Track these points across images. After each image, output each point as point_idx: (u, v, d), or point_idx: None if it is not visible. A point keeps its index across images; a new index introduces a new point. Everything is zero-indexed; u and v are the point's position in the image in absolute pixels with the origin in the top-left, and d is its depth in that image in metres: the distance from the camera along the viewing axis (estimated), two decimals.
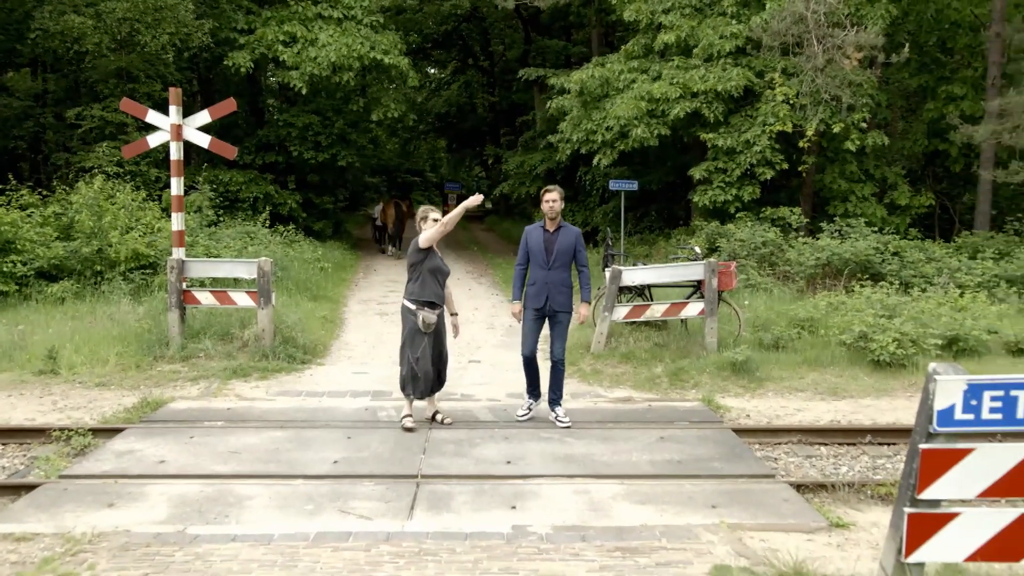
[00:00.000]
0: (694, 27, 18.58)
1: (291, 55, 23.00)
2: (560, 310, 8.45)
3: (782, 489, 6.89)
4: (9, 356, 11.01)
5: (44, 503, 6.40)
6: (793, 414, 9.39)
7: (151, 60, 22.11)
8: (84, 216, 16.04)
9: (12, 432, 8.38)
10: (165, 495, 6.58)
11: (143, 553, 5.41)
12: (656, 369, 10.84)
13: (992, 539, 3.90)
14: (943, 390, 3.82)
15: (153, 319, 12.18)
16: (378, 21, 24.63)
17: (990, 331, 11.38)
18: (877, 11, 17.58)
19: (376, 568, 5.18)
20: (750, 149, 17.79)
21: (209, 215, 19.14)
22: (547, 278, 8.42)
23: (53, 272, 15.56)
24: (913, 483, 3.89)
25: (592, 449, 7.79)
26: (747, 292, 14.79)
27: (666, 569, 5.22)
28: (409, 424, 8.27)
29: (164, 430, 8.32)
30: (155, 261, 15.70)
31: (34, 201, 17.07)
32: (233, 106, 12.29)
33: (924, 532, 3.91)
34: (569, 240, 8.48)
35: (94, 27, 20.53)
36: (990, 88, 18.49)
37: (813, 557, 5.38)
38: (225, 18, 23.67)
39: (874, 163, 19.28)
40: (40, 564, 5.24)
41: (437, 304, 8.34)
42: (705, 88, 17.84)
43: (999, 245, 17.10)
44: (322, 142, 26.54)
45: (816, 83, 16.76)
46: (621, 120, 18.32)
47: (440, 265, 8.43)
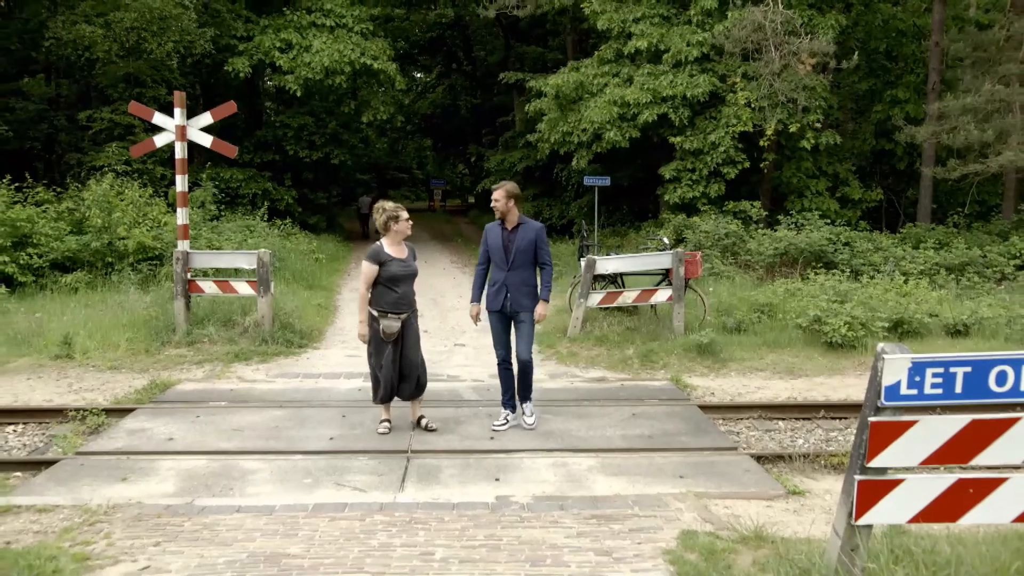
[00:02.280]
0: (663, 35, 18.56)
1: (287, 60, 22.84)
2: (521, 310, 7.50)
3: (744, 460, 6.93)
4: (28, 342, 10.90)
5: (63, 477, 6.37)
6: (754, 392, 9.43)
7: (157, 66, 21.90)
8: (95, 212, 15.87)
9: (32, 412, 8.32)
10: (174, 470, 6.55)
11: (155, 523, 5.39)
12: (628, 351, 10.84)
13: (932, 502, 3.95)
14: (890, 368, 3.85)
15: (160, 307, 12.09)
16: (368, 29, 24.47)
17: (931, 314, 11.46)
18: (828, 21, 17.71)
19: (370, 536, 5.19)
20: (715, 150, 17.82)
21: (211, 210, 19.00)
22: (507, 279, 7.47)
23: (67, 264, 15.42)
24: (863, 452, 3.93)
25: (569, 425, 7.79)
26: (711, 280, 14.84)
27: (638, 534, 5.24)
28: (382, 430, 7.53)
29: (172, 410, 8.28)
30: (161, 253, 15.56)
31: (49, 198, 16.88)
32: (233, 108, 12.20)
33: (872, 497, 3.95)
34: (529, 237, 7.49)
35: (104, 36, 20.32)
36: (930, 92, 18.66)
37: (772, 522, 5.41)
38: (225, 26, 23.46)
39: (827, 160, 19.38)
40: (60, 533, 5.21)
41: (398, 311, 7.37)
42: (673, 94, 17.84)
43: (939, 236, 17.24)
44: (316, 142, 26.39)
45: (774, 87, 16.81)
46: (595, 124, 18.31)
47: (397, 272, 7.39)
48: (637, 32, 18.78)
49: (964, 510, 3.95)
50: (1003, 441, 3.87)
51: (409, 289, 7.47)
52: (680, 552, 4.89)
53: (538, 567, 4.75)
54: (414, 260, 7.63)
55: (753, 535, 4.98)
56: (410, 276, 7.50)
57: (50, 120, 23.54)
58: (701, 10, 18.18)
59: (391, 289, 7.32)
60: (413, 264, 7.59)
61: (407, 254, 7.55)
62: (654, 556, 4.90)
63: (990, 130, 16.09)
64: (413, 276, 7.54)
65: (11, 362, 10.33)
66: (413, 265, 7.59)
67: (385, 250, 7.41)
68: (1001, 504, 3.92)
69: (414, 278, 7.55)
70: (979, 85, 16.84)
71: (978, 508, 3.94)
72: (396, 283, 7.32)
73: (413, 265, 7.59)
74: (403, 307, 7.38)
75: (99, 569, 4.70)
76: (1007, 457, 3.89)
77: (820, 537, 4.80)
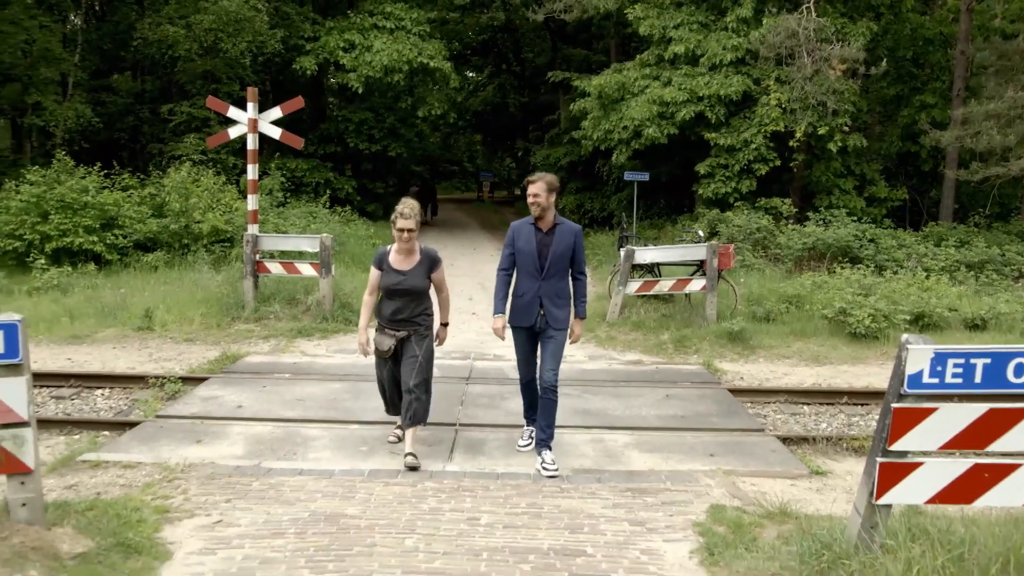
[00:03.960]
0: (700, 40, 18.37)
1: (350, 60, 22.97)
2: (556, 327, 6.06)
3: (770, 441, 6.90)
4: (113, 315, 11.16)
5: (144, 437, 6.55)
6: (781, 377, 9.35)
7: (231, 64, 22.17)
8: (174, 197, 16.18)
9: (117, 378, 8.54)
10: (243, 434, 6.69)
11: (226, 482, 5.52)
12: (663, 336, 10.80)
13: (949, 485, 3.91)
14: (914, 357, 3.82)
15: (231, 285, 12.28)
16: (425, 31, 24.51)
17: (950, 309, 11.25)
18: (859, 29, 17.39)
19: (421, 500, 5.26)
20: (748, 147, 17.63)
21: (278, 197, 19.26)
22: (540, 289, 6.03)
23: (148, 244, 15.73)
24: (885, 436, 3.90)
25: (606, 404, 7.80)
26: (743, 271, 14.69)
27: (670, 507, 5.26)
28: (392, 438, 6.54)
29: (241, 380, 8.45)
30: (232, 236, 15.79)
31: (133, 184, 17.23)
32: (301, 103, 12.33)
33: (893, 478, 3.92)
34: (567, 242, 6.05)
35: (185, 36, 20.68)
36: (955, 98, 18.30)
37: (796, 499, 5.39)
38: (294, 28, 23.67)
39: (855, 161, 19.06)
40: (143, 487, 5.37)
41: (394, 328, 6.05)
42: (709, 93, 17.68)
43: (960, 235, 16.91)
44: (375, 135, 26.52)
45: (805, 90, 16.56)
46: (635, 121, 18.21)
47: (388, 284, 6.03)
48: (676, 37, 18.62)
49: (979, 493, 3.91)
50: (1019, 429, 3.81)
51: (408, 306, 6.03)
52: (709, 524, 4.90)
53: (576, 534, 4.79)
54: (423, 276, 6.07)
55: (778, 511, 4.97)
56: (402, 293, 6.00)
57: (135, 113, 23.99)
58: (737, 18, 17.97)
59: (387, 300, 6.13)
60: (411, 280, 6.02)
61: (412, 266, 6.06)
62: (685, 527, 4.91)
63: (1012, 135, 15.76)
64: (407, 294, 6.01)
65: (99, 332, 10.60)
66: (409, 281, 6.01)
67: (389, 256, 6.12)
68: (1015, 488, 3.88)
69: (412, 296, 6.02)
70: (1002, 92, 16.45)
71: (992, 491, 3.90)
72: (390, 296, 6.08)
73: (409, 281, 6.01)
74: (399, 325, 6.05)
75: (177, 521, 4.83)
76: (1022, 444, 3.84)
77: (841, 515, 4.77)
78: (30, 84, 20.70)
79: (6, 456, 4.15)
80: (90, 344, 10.19)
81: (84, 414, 7.66)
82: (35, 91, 20.59)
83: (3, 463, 4.15)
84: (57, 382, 8.34)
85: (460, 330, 11.08)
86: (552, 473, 5.83)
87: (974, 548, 3.71)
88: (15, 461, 4.17)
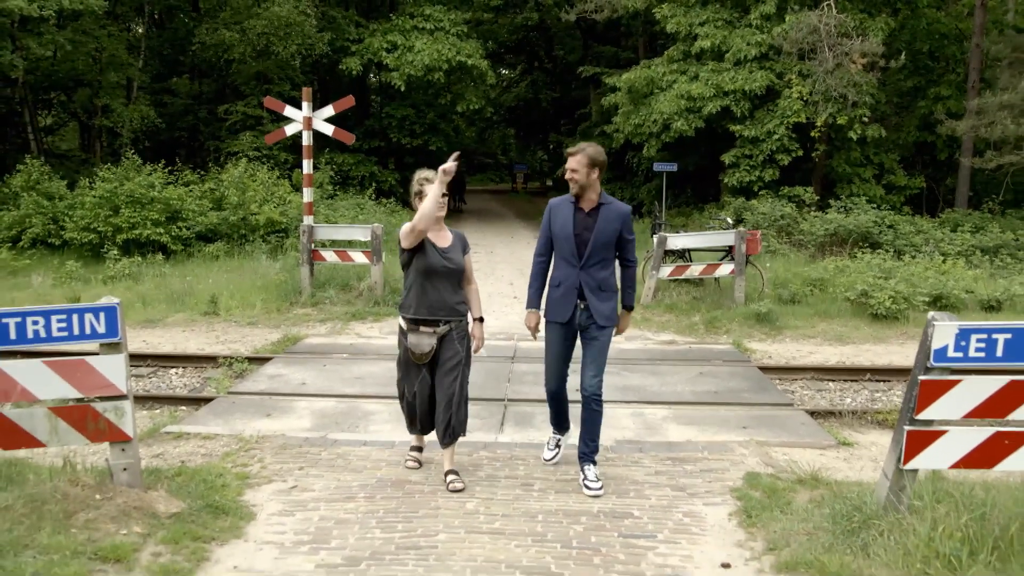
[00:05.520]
0: (725, 36, 18.29)
1: (392, 60, 23.14)
2: (601, 324, 4.95)
3: (799, 415, 6.95)
4: (181, 301, 11.46)
5: (219, 411, 6.77)
6: (807, 356, 9.37)
7: (282, 65, 22.49)
8: (232, 191, 16.52)
9: (189, 358, 8.80)
10: (308, 409, 6.87)
11: (297, 452, 5.71)
12: (694, 318, 10.84)
13: (972, 451, 3.98)
14: (939, 333, 3.89)
15: (288, 273, 12.52)
16: (462, 31, 24.60)
17: (967, 291, 11.14)
18: (877, 24, 17.25)
19: (478, 468, 5.41)
20: (771, 138, 17.56)
21: (328, 190, 19.53)
22: (580, 279, 4.90)
23: (209, 235, 16.08)
24: (912, 406, 3.97)
25: (644, 381, 7.90)
26: (768, 256, 14.66)
27: (708, 474, 5.35)
28: (410, 464, 5.35)
29: (303, 359, 8.65)
30: (286, 226, 16.08)
31: (194, 179, 17.59)
32: (352, 102, 12.50)
33: (919, 445, 4.00)
34: (613, 225, 4.89)
35: (239, 40, 20.99)
36: (970, 90, 18.05)
37: (825, 467, 5.46)
38: (340, 31, 23.89)
39: (874, 151, 18.89)
40: (223, 456, 5.58)
41: (436, 321, 4.91)
42: (734, 88, 17.62)
43: (975, 221, 16.72)
44: (416, 130, 26.69)
45: (826, 83, 16.46)
46: (664, 115, 18.23)
47: (435, 264, 4.87)
48: (702, 34, 18.56)
49: (1000, 458, 3.98)
50: None
51: (449, 292, 4.95)
52: (746, 490, 4.99)
53: (623, 498, 4.91)
54: (461, 254, 5.05)
55: (810, 477, 5.04)
56: (447, 273, 4.92)
57: (194, 113, 24.43)
58: (760, 15, 17.89)
59: (434, 286, 4.91)
60: (456, 258, 4.98)
61: (450, 242, 5.03)
62: (723, 492, 5.02)
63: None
64: (452, 275, 4.95)
65: (169, 317, 10.90)
66: (456, 259, 4.97)
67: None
68: None
69: (456, 279, 4.99)
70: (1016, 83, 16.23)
71: (1012, 457, 3.96)
72: (430, 278, 4.90)
73: (456, 259, 4.97)
74: (438, 313, 4.92)
75: (257, 486, 5.03)
76: None
77: (868, 481, 4.84)
78: (99, 88, 21.20)
79: (108, 425, 4.37)
80: (162, 328, 10.49)
81: (162, 391, 7.93)
82: (104, 95, 21.08)
83: (106, 431, 4.37)
84: (135, 362, 8.58)
85: (504, 313, 11.24)
86: (596, 492, 4.91)
87: (995, 509, 3.78)
88: (116, 430, 4.39)
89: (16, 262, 14.62)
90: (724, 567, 4.06)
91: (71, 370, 4.31)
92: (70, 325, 4.30)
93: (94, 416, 4.36)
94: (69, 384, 4.30)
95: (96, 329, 4.32)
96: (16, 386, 4.23)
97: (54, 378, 4.28)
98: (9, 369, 4.23)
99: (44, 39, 18.71)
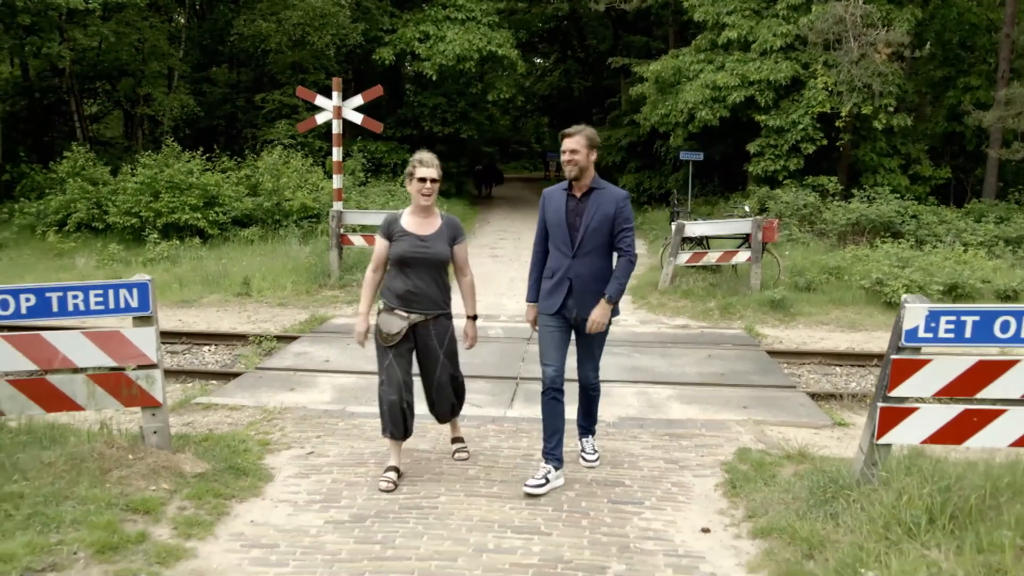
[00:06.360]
0: (752, 26, 18.27)
1: (425, 49, 23.39)
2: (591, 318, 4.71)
3: (800, 397, 7.13)
4: (216, 282, 11.90)
5: (247, 385, 7.15)
6: (817, 342, 9.51)
7: (317, 55, 22.85)
8: (267, 177, 16.94)
9: (221, 336, 9.23)
10: (330, 384, 7.22)
11: (317, 422, 6.06)
12: (710, 304, 11.00)
13: (942, 427, 4.16)
14: (910, 315, 4.07)
15: (318, 256, 12.90)
16: (494, 21, 24.76)
17: (984, 281, 11.11)
18: (904, 14, 17.11)
19: (483, 440, 5.71)
20: (795, 128, 17.54)
21: (360, 177, 19.91)
22: (571, 270, 4.71)
23: (244, 220, 16.52)
24: (885, 384, 4.16)
25: (653, 363, 8.12)
26: (788, 245, 14.71)
27: (702, 449, 5.59)
28: (383, 485, 4.73)
29: (328, 338, 9.01)
30: (319, 212, 16.45)
31: (231, 166, 18.05)
32: (380, 91, 12.82)
33: (892, 421, 4.19)
34: (605, 212, 4.66)
35: (276, 30, 21.41)
36: (1000, 80, 17.82)
37: (817, 445, 5.65)
38: (374, 21, 24.20)
39: (900, 141, 18.77)
40: (247, 425, 5.94)
41: (407, 308, 4.75)
42: (760, 78, 17.63)
43: (1001, 212, 16.56)
44: (448, 118, 26.92)
45: (851, 73, 16.42)
46: (689, 104, 18.31)
47: (406, 251, 4.71)
48: (729, 23, 18.55)
49: (969, 435, 4.17)
50: (1004, 379, 4.05)
51: (427, 282, 4.75)
52: (735, 463, 5.23)
53: (617, 468, 5.18)
54: (446, 245, 4.80)
55: (797, 453, 5.25)
56: (421, 262, 4.70)
57: (232, 101, 24.95)
58: (787, 5, 17.87)
59: (399, 275, 4.76)
60: (434, 247, 4.74)
61: (434, 230, 4.80)
62: (713, 466, 5.26)
63: None
64: (428, 264, 4.73)
65: (204, 297, 11.35)
66: (433, 248, 4.74)
67: (401, 220, 4.82)
68: (1000, 431, 4.12)
69: (434, 269, 4.77)
70: None
71: (980, 434, 4.15)
72: (405, 267, 4.73)
73: (433, 248, 4.74)
74: (414, 304, 4.74)
75: (276, 452, 5.38)
76: (1007, 392, 4.07)
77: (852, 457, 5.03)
78: (142, 78, 21.79)
79: (140, 392, 4.73)
80: (197, 308, 10.94)
81: (195, 366, 8.36)
82: (146, 84, 21.68)
83: (138, 397, 4.74)
84: (171, 339, 9.04)
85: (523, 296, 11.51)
86: (592, 464, 5.01)
87: (960, 482, 3.97)
88: (148, 396, 4.76)
89: (62, 244, 15.23)
90: (704, 531, 4.32)
91: (107, 340, 4.68)
92: (106, 299, 4.66)
93: (128, 383, 4.73)
94: (105, 353, 4.68)
95: (130, 303, 4.68)
96: (58, 354, 4.61)
97: (92, 348, 4.66)
98: (52, 339, 4.61)
99: (90, 30, 19.32)
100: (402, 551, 4.02)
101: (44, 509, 4.05)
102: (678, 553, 4.07)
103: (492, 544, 4.11)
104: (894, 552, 3.63)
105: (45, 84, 22.69)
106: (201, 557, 3.93)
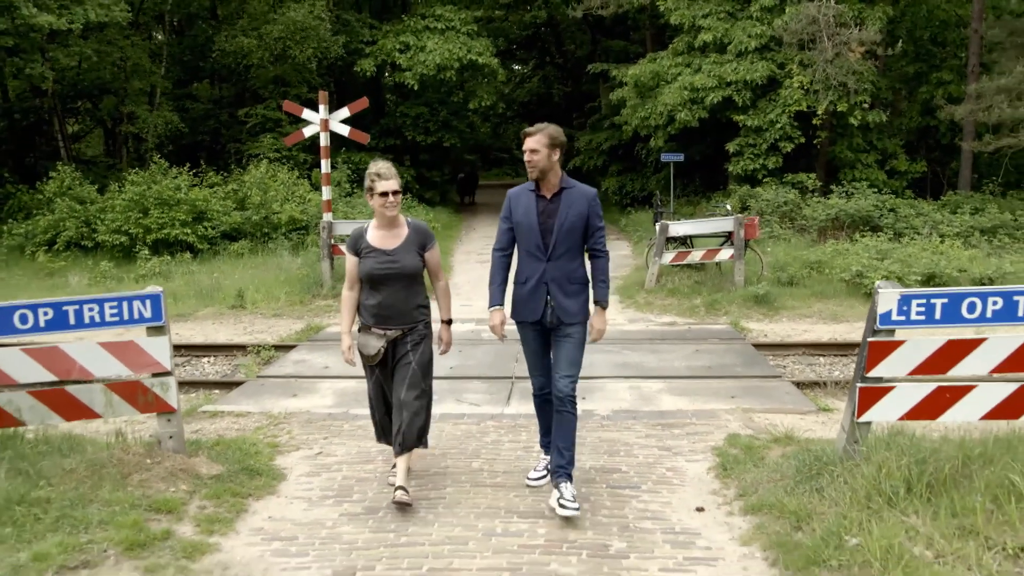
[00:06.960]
0: (727, 28, 18.66)
1: (405, 60, 23.60)
2: (570, 321, 4.54)
3: (786, 386, 7.40)
4: (210, 296, 12.07)
5: (250, 393, 7.34)
6: (801, 334, 9.80)
7: (299, 69, 23.01)
8: (254, 191, 17.13)
9: (219, 347, 9.41)
10: (331, 389, 7.42)
11: (322, 424, 6.28)
12: (695, 301, 11.28)
13: (917, 404, 4.44)
14: (883, 299, 4.35)
15: (309, 267, 13.07)
16: (473, 29, 25.03)
17: (960, 270, 11.45)
18: (876, 13, 17.54)
19: (484, 435, 5.95)
20: (773, 127, 17.92)
21: (346, 188, 20.09)
22: (546, 273, 4.53)
23: (233, 234, 16.68)
24: (863, 365, 4.44)
25: (643, 358, 8.37)
26: (770, 241, 15.04)
27: (694, 436, 5.85)
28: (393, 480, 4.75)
29: (325, 346, 9.20)
30: (307, 224, 16.63)
31: (218, 181, 18.20)
32: (366, 103, 13.03)
33: (870, 400, 4.46)
34: (578, 211, 4.50)
35: (257, 46, 21.56)
36: (970, 75, 18.29)
37: (802, 429, 5.94)
38: (354, 33, 24.41)
39: (877, 136, 19.19)
40: (255, 430, 6.15)
41: (382, 326, 4.66)
42: (736, 79, 18.01)
43: (976, 202, 17.01)
44: (430, 128, 27.16)
45: (826, 72, 16.83)
46: (668, 106, 18.65)
47: (372, 269, 4.60)
48: (705, 26, 18.92)
49: (942, 410, 4.46)
50: (973, 356, 4.34)
51: (399, 297, 4.63)
52: (725, 448, 5.50)
53: (613, 457, 5.44)
54: (415, 255, 4.67)
55: (784, 436, 5.54)
56: (392, 278, 4.60)
57: (215, 117, 25.09)
58: (761, 7, 18.27)
59: (371, 292, 4.67)
60: (403, 260, 4.61)
61: (400, 243, 4.65)
62: (704, 451, 5.52)
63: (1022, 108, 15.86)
64: (399, 279, 4.62)
65: (199, 311, 11.52)
66: (401, 262, 4.61)
67: (367, 235, 4.70)
68: (972, 405, 4.41)
69: (404, 283, 4.64)
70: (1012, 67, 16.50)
71: (953, 409, 4.44)
72: (375, 285, 4.64)
73: (401, 262, 4.61)
74: (388, 320, 4.64)
75: (286, 453, 5.60)
76: (976, 369, 4.37)
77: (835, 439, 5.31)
78: (125, 96, 21.89)
79: (156, 398, 4.95)
80: (193, 321, 11.10)
81: (196, 377, 8.54)
82: (129, 102, 21.79)
83: (154, 403, 4.95)
84: None
85: None
86: (571, 513, 4.36)
87: (935, 454, 4.26)
88: (163, 402, 4.97)
89: (52, 264, 15.34)
90: (698, 511, 4.58)
91: (122, 350, 4.89)
92: (120, 311, 4.88)
93: (143, 390, 4.94)
94: (120, 363, 4.89)
95: (143, 314, 4.90)
96: (75, 365, 4.81)
97: (108, 358, 4.86)
98: (70, 350, 4.81)
99: (71, 50, 19.39)
100: (415, 537, 4.26)
101: (71, 512, 4.25)
102: (675, 531, 4.33)
103: (500, 528, 4.35)
104: (875, 519, 3.91)
105: (26, 105, 22.75)
106: (225, 551, 4.15)
